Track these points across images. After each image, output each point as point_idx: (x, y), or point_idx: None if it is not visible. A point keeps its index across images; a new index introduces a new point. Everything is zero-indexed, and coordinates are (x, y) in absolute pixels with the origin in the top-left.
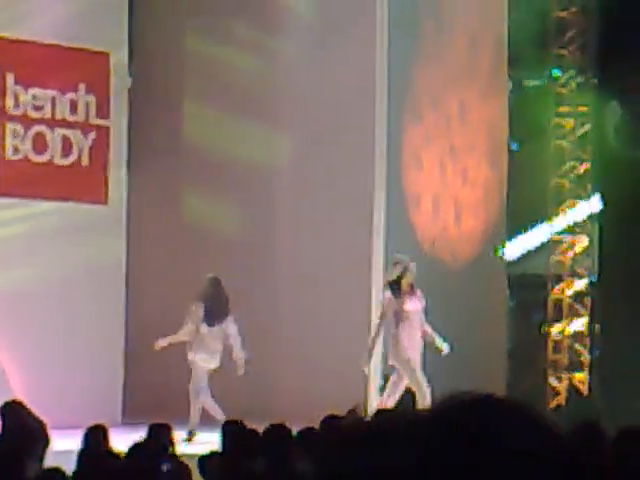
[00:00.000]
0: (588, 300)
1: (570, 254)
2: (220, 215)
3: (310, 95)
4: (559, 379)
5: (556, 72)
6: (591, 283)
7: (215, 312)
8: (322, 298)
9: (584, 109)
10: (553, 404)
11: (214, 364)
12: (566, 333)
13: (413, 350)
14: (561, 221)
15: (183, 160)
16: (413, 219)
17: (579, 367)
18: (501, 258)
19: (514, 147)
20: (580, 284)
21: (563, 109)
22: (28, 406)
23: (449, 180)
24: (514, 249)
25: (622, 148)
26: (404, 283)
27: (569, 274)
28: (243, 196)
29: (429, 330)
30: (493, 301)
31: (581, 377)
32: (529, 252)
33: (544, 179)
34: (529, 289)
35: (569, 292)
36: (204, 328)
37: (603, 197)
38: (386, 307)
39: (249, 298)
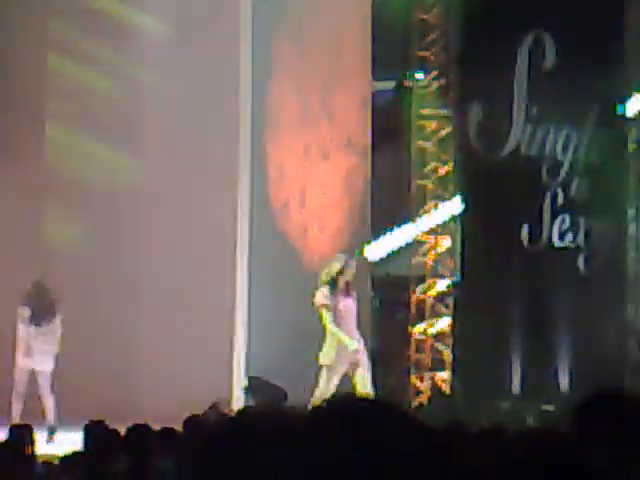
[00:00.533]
0: (450, 300)
1: (433, 255)
2: (78, 229)
3: (170, 114)
4: (421, 378)
5: (418, 74)
6: (453, 283)
7: (40, 313)
8: (183, 300)
9: (445, 111)
10: (416, 403)
11: (41, 366)
12: (429, 333)
13: (346, 351)
14: (424, 222)
15: (45, 161)
16: (281, 226)
17: (441, 366)
18: (365, 259)
19: (377, 149)
20: (442, 284)
21: (425, 111)
22: None
23: (314, 183)
24: (378, 250)
25: (483, 150)
26: (340, 280)
27: (432, 274)
28: (102, 214)
29: None
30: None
31: (443, 376)
32: (393, 253)
33: (407, 180)
34: (393, 289)
35: (432, 292)
36: (32, 329)
37: (465, 198)
38: (327, 301)
39: (108, 304)
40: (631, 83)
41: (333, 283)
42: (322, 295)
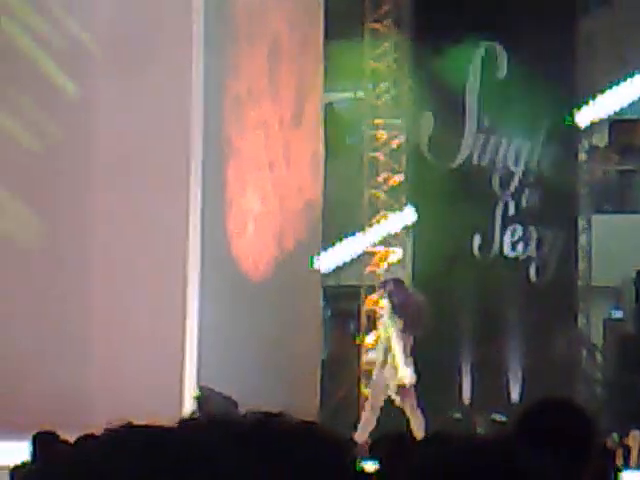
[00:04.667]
0: None
1: (384, 265)
2: (26, 229)
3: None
4: None
5: (371, 84)
6: None
7: None
8: (133, 305)
9: (398, 121)
10: None
11: None
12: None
13: None
14: (375, 232)
15: None
16: (231, 231)
17: None
18: (316, 269)
19: (330, 160)
20: None
21: (377, 121)
22: None
23: (266, 194)
24: (329, 260)
25: (435, 160)
26: None
27: None
28: (49, 216)
29: None
30: (308, 312)
31: None
32: (344, 263)
33: (358, 191)
34: (344, 300)
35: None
36: None
37: (416, 209)
38: None
39: (59, 313)
40: (581, 95)
41: None
42: None
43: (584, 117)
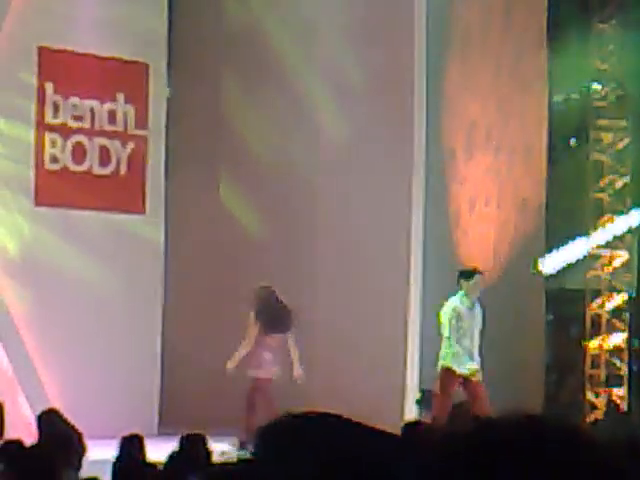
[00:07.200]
0: (627, 315)
1: (609, 269)
2: (260, 222)
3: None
4: (597, 394)
5: (596, 85)
6: (630, 298)
7: None
8: (356, 310)
9: (623, 122)
10: (591, 419)
11: None
12: (604, 348)
13: None
14: (600, 235)
15: (222, 170)
16: (453, 233)
17: (617, 382)
18: (539, 272)
19: (553, 161)
20: (619, 299)
21: (602, 122)
22: (65, 415)
23: (489, 194)
24: (552, 263)
25: None
26: None
27: (607, 289)
28: (282, 204)
29: None
30: (531, 315)
31: (619, 392)
32: (567, 266)
33: (583, 193)
34: (567, 303)
35: (607, 307)
36: None
37: None
38: None
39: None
40: None
41: None
42: None
43: None
